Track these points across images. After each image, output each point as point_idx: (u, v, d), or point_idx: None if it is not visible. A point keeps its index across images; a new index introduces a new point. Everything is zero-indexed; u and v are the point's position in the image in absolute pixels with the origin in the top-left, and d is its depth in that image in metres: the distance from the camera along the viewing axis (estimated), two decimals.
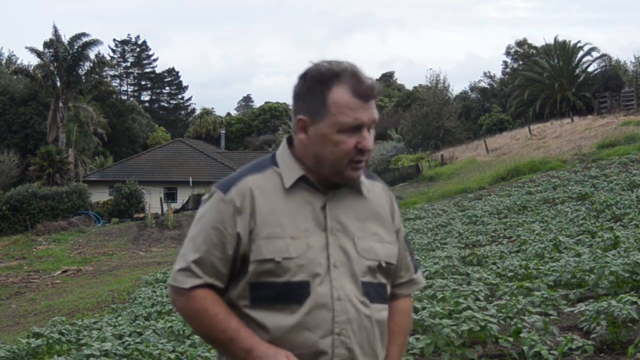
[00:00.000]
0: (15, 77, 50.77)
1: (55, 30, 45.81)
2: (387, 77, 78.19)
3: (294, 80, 1.95)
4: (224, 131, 62.04)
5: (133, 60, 77.44)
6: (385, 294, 2.00)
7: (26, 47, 56.02)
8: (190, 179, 43.87)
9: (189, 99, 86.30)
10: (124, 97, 72.20)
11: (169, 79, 78.32)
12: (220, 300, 1.89)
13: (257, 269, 1.86)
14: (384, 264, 1.96)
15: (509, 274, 8.11)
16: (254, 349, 1.82)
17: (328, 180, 1.92)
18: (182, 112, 79.39)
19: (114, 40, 77.43)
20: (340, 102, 1.85)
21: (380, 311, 1.97)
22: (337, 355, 1.86)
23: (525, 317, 5.45)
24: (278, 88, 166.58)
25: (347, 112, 1.85)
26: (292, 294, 1.85)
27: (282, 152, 1.97)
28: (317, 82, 1.87)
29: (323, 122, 1.86)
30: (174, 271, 1.92)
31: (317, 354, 1.86)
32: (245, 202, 1.87)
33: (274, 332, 1.85)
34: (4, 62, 57.23)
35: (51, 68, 44.60)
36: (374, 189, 2.02)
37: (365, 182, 1.99)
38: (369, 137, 1.88)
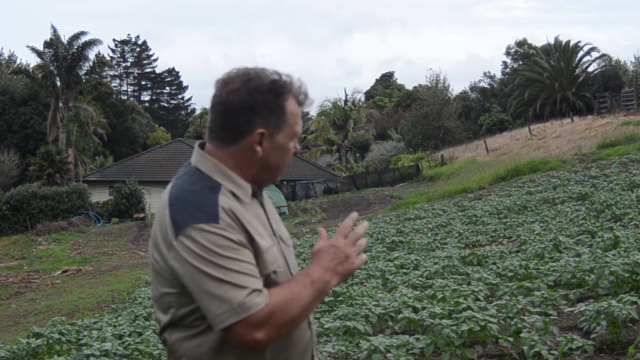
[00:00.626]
0: (15, 77, 50.78)
1: (55, 30, 45.86)
2: (387, 77, 78.26)
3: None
4: None
5: (133, 60, 77.48)
6: None
7: (27, 46, 56.11)
8: None
9: (189, 99, 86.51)
10: (124, 97, 72.22)
11: (169, 79, 78.36)
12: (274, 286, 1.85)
13: (265, 282, 1.83)
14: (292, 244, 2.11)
15: (509, 274, 8.11)
16: (324, 265, 1.86)
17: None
18: (182, 112, 79.42)
19: (114, 40, 77.62)
20: (295, 112, 1.91)
21: None
22: (313, 342, 2.01)
23: (525, 317, 5.45)
24: None
25: (298, 121, 1.93)
26: None
27: (212, 166, 1.89)
28: (274, 94, 1.87)
29: (281, 133, 1.90)
30: (235, 305, 1.73)
31: (307, 346, 1.98)
32: (236, 223, 1.81)
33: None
34: (4, 62, 57.23)
35: (51, 68, 44.60)
36: None
37: None
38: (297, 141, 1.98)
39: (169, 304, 1.85)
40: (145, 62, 77.88)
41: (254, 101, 1.86)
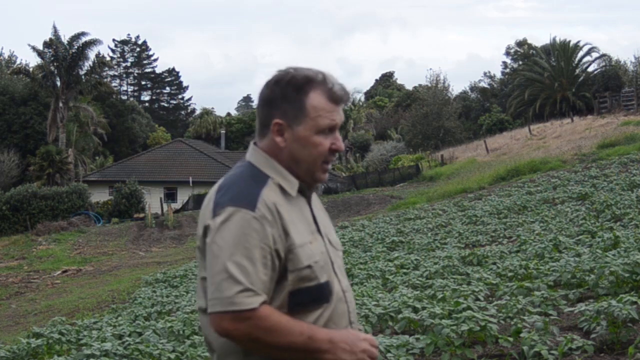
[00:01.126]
0: (15, 77, 50.77)
1: (55, 30, 45.86)
2: (387, 77, 78.25)
3: None
4: (224, 131, 62.04)
5: (133, 60, 77.45)
6: None
7: (28, 45, 56.04)
8: (190, 179, 43.88)
9: (189, 99, 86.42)
10: (124, 97, 72.20)
11: (169, 79, 78.33)
12: (278, 311, 1.92)
13: (297, 277, 1.94)
14: (343, 251, 2.17)
15: (509, 274, 8.11)
16: (332, 337, 1.93)
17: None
18: (182, 112, 79.39)
19: (114, 40, 77.57)
20: (318, 106, 1.98)
21: None
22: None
23: (525, 317, 5.45)
24: None
25: (324, 114, 1.98)
26: (323, 294, 1.98)
27: (264, 160, 2.02)
28: (292, 87, 1.98)
29: (302, 125, 1.98)
30: (225, 297, 1.85)
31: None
32: (274, 216, 1.92)
33: None
34: (4, 62, 57.21)
35: (51, 68, 44.59)
36: None
37: None
38: (341, 139, 2.04)
39: (204, 289, 1.97)
40: (145, 62, 77.85)
41: (273, 94, 1.99)
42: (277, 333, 1.87)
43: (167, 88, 78.60)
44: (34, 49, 44.58)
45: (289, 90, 1.97)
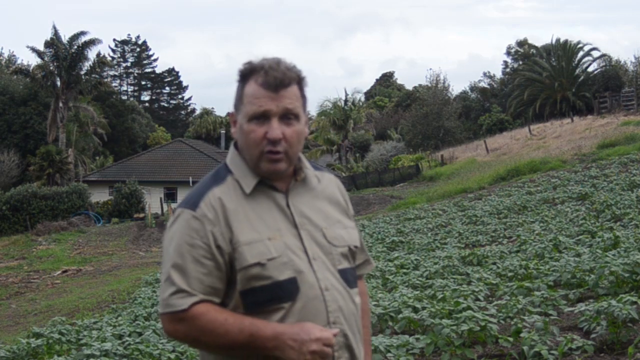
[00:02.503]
0: (15, 77, 50.76)
1: (55, 30, 45.80)
2: (387, 77, 78.23)
3: None
4: (224, 131, 62.02)
5: (133, 60, 77.46)
6: (356, 277, 2.07)
7: (27, 46, 56.09)
8: (190, 179, 43.86)
9: (189, 99, 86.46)
10: (124, 97, 72.17)
11: (169, 79, 78.34)
12: (221, 308, 1.88)
13: (245, 276, 1.88)
14: (352, 248, 2.04)
15: (509, 274, 8.11)
16: (279, 333, 1.84)
17: (282, 178, 1.97)
18: (182, 112, 79.39)
19: (114, 40, 77.55)
20: (249, 92, 1.93)
21: (357, 294, 2.04)
22: (336, 344, 1.91)
23: (525, 317, 5.45)
24: None
25: (253, 100, 1.92)
26: (283, 292, 1.88)
27: (233, 158, 2.01)
28: (239, 78, 1.98)
29: (240, 114, 1.96)
30: (162, 299, 1.87)
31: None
32: (217, 214, 1.89)
33: None
34: (4, 62, 57.21)
35: (51, 68, 44.58)
36: (324, 178, 2.09)
37: (315, 173, 2.06)
38: (276, 127, 1.90)
39: None
40: (145, 62, 77.85)
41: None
42: (214, 333, 1.84)
43: (167, 88, 78.61)
44: (33, 49, 44.59)
45: (238, 81, 1.98)
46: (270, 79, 1.91)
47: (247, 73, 1.94)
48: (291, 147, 1.92)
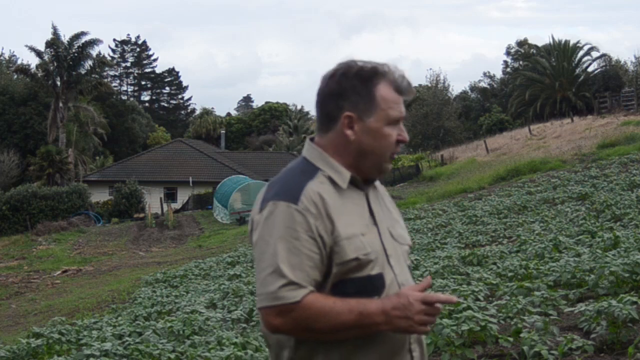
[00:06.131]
0: (15, 77, 50.77)
1: (55, 30, 45.83)
2: None
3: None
4: (224, 131, 62.04)
5: (133, 60, 77.41)
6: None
7: (26, 46, 56.08)
8: (190, 179, 43.87)
9: (189, 99, 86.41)
10: (124, 97, 72.17)
11: (169, 79, 78.30)
12: (322, 294, 1.90)
13: (342, 270, 1.92)
14: (410, 247, 2.14)
15: (509, 274, 8.11)
16: (384, 307, 1.88)
17: (362, 177, 2.04)
18: (182, 112, 79.37)
19: (114, 40, 77.51)
20: (387, 97, 1.98)
21: None
22: (411, 337, 1.99)
23: (525, 317, 5.45)
24: (278, 88, 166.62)
25: (393, 106, 1.98)
26: (372, 287, 1.94)
27: (317, 154, 2.02)
28: (361, 79, 1.97)
29: (372, 117, 1.97)
30: (269, 292, 1.86)
31: (397, 339, 1.96)
32: (319, 208, 1.92)
33: None
34: (4, 62, 57.20)
35: (51, 68, 44.58)
36: (378, 183, 2.15)
37: None
38: (405, 130, 2.03)
39: None
40: (145, 62, 77.81)
41: (341, 87, 1.98)
42: (326, 317, 1.86)
43: (167, 88, 78.57)
44: (32, 49, 44.60)
45: (358, 82, 1.97)
46: (403, 85, 2.00)
47: (372, 75, 1.98)
48: None
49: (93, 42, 45.41)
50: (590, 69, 53.45)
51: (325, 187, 1.96)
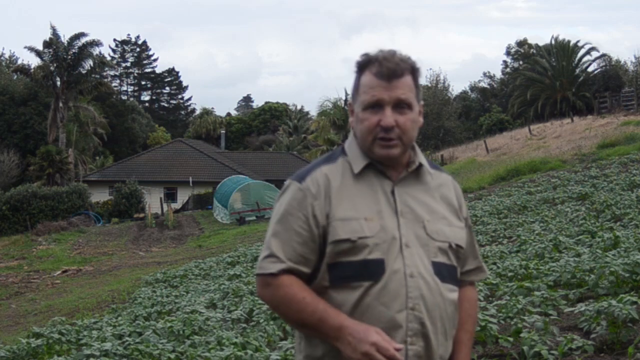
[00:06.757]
0: (15, 77, 50.76)
1: (54, 30, 45.80)
2: None
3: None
4: (224, 131, 62.03)
5: (133, 60, 77.41)
6: (456, 276, 2.12)
7: (25, 47, 56.06)
8: (190, 179, 43.86)
9: (189, 99, 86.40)
10: (124, 97, 72.17)
11: (169, 79, 78.29)
12: (304, 285, 1.98)
13: (335, 250, 1.98)
14: (453, 245, 2.09)
15: (509, 274, 8.10)
16: (343, 326, 1.91)
17: (395, 167, 2.06)
18: (182, 112, 79.37)
19: (114, 40, 77.52)
20: (365, 83, 2.04)
21: (452, 292, 2.07)
22: (410, 329, 1.97)
23: (525, 317, 5.45)
24: (278, 88, 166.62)
25: (368, 90, 2.02)
26: (369, 271, 1.97)
27: (350, 142, 2.11)
28: (357, 69, 2.08)
29: (357, 103, 2.06)
30: (259, 261, 2.02)
31: (392, 328, 1.96)
32: (320, 189, 2.01)
33: (353, 309, 1.96)
34: (4, 62, 57.20)
35: (51, 68, 44.56)
36: (440, 177, 2.16)
37: (430, 171, 2.14)
38: (389, 115, 2.00)
39: None
40: (145, 62, 77.82)
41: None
42: (290, 307, 1.95)
43: (167, 88, 78.56)
44: (31, 49, 44.56)
45: (355, 72, 2.08)
46: (384, 69, 2.01)
47: (364, 64, 2.05)
48: (405, 134, 2.02)
49: (93, 43, 45.39)
50: (590, 69, 53.47)
51: (339, 170, 2.05)
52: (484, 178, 25.57)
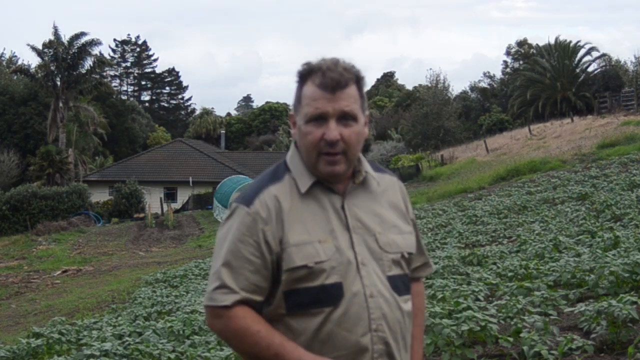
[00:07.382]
0: (15, 77, 50.76)
1: (55, 30, 45.80)
2: (388, 77, 78.18)
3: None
4: (224, 131, 62.05)
5: (133, 60, 77.43)
6: (409, 284, 2.05)
7: (27, 45, 56.05)
8: (190, 179, 43.87)
9: (189, 99, 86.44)
10: (124, 97, 72.16)
11: (169, 79, 78.31)
12: (259, 317, 1.89)
13: (291, 277, 1.88)
14: (406, 255, 2.01)
15: (509, 274, 8.10)
16: None
17: (341, 179, 1.96)
18: (182, 112, 79.37)
19: (114, 40, 77.54)
20: (307, 94, 1.91)
21: (407, 302, 2.01)
22: (375, 351, 1.90)
23: (525, 317, 5.44)
24: (279, 88, 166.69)
25: (310, 102, 1.90)
26: (328, 296, 1.87)
27: (292, 156, 1.99)
28: (298, 79, 1.95)
29: (299, 116, 1.94)
30: (208, 292, 1.89)
31: (358, 352, 1.88)
32: (270, 212, 1.89)
33: (313, 336, 1.87)
34: (4, 62, 57.19)
35: (51, 68, 44.56)
36: (384, 181, 2.07)
37: (375, 175, 2.04)
38: (333, 128, 1.88)
39: None
40: (145, 62, 77.83)
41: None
42: (244, 340, 1.85)
43: (167, 88, 78.59)
44: (33, 48, 44.59)
45: (297, 82, 1.96)
46: (328, 80, 1.89)
47: (306, 74, 1.93)
48: (350, 148, 1.90)
49: (93, 43, 45.40)
50: (590, 69, 53.43)
51: (287, 189, 1.92)
52: (484, 178, 25.57)
